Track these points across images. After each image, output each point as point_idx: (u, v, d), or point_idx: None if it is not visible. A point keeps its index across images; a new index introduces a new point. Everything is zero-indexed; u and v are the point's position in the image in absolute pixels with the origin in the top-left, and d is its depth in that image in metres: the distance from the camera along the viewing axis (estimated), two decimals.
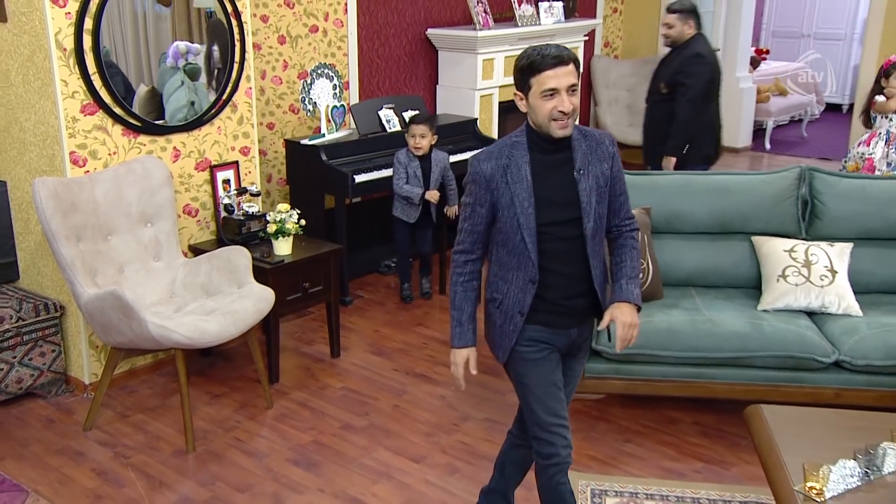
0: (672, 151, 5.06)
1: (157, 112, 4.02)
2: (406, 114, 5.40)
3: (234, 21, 4.22)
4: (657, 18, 7.90)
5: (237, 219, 4.23)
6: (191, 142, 4.18)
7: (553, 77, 2.32)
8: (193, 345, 3.46)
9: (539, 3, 6.53)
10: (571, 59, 2.35)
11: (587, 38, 7.31)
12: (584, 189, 2.44)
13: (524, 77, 2.39)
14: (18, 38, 3.70)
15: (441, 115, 6.14)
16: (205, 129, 4.23)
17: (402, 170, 4.85)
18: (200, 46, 4.12)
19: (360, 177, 4.94)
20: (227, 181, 4.33)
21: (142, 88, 3.95)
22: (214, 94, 4.21)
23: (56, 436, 3.65)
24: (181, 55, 4.03)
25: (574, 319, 2.56)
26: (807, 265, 3.66)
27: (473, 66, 6.08)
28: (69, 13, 3.61)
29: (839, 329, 3.53)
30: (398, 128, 5.32)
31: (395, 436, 3.68)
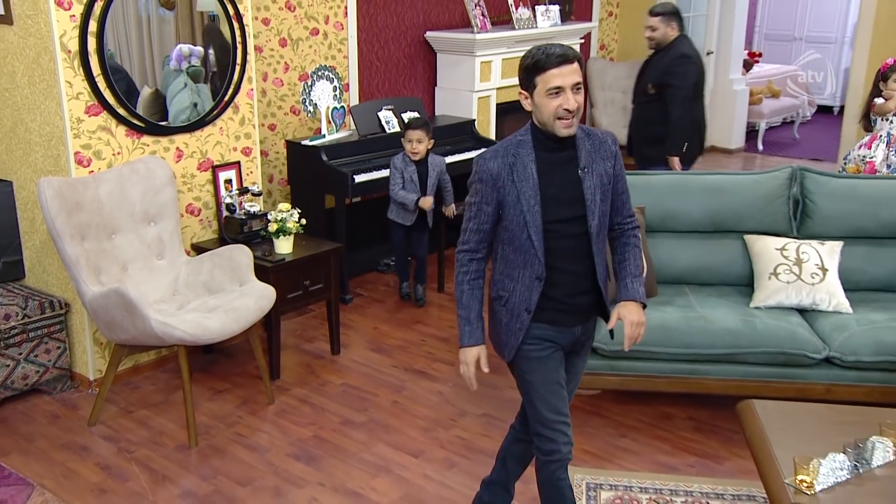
0: (673, 151, 5.09)
1: (161, 114, 4.03)
2: (405, 115, 5.41)
3: (236, 24, 4.22)
4: None
5: (239, 218, 4.25)
6: (193, 142, 4.21)
7: (558, 75, 2.33)
8: (196, 341, 3.47)
9: (536, 7, 6.53)
10: (576, 59, 2.35)
11: (583, 41, 7.32)
12: (589, 187, 2.45)
13: (529, 76, 2.38)
14: (24, 41, 3.72)
15: (439, 117, 6.17)
16: (207, 130, 4.24)
17: (399, 175, 4.81)
18: (203, 49, 4.14)
19: (360, 177, 4.96)
20: (229, 181, 4.35)
21: (146, 90, 3.96)
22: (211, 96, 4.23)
23: (61, 431, 3.67)
24: (184, 58, 4.05)
25: (578, 317, 2.56)
26: (798, 263, 3.69)
27: (471, 69, 6.07)
28: (74, 16, 3.62)
29: (829, 326, 3.56)
30: (397, 129, 5.33)
31: (394, 431, 3.70)
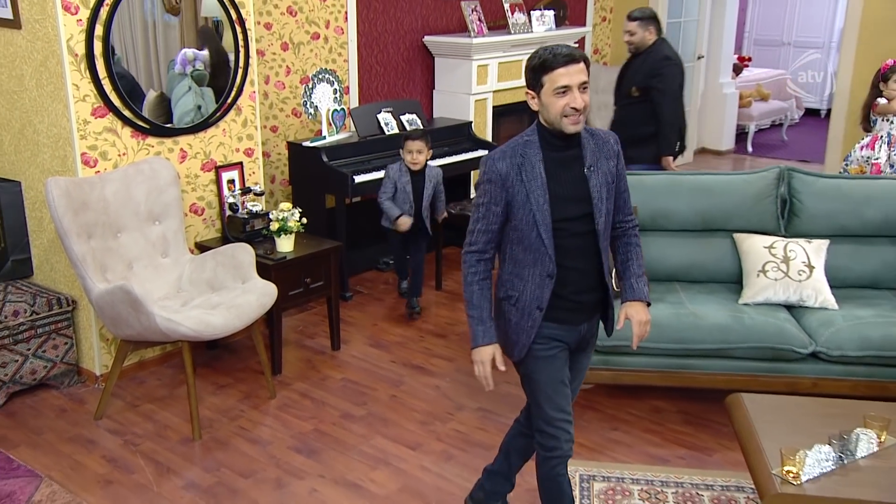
0: (666, 151, 5.14)
1: (166, 116, 4.08)
2: (404, 117, 5.47)
3: (239, 28, 4.27)
4: None
5: (241, 217, 4.30)
6: (197, 143, 4.26)
7: (565, 74, 2.34)
8: (199, 337, 3.52)
9: (531, 12, 6.57)
10: (582, 58, 2.36)
11: (577, 46, 7.38)
12: (595, 185, 2.46)
13: (536, 75, 2.39)
14: (32, 45, 3.77)
15: (437, 119, 6.21)
16: (210, 132, 4.29)
17: (391, 184, 4.73)
18: (207, 53, 4.18)
19: (360, 177, 4.99)
20: (232, 181, 4.39)
21: (151, 93, 4.01)
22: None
23: (68, 424, 3.71)
24: (189, 62, 4.10)
25: (585, 315, 2.58)
26: (785, 261, 3.74)
27: (468, 72, 6.12)
28: (80, 20, 3.67)
29: (816, 321, 3.60)
30: (396, 130, 5.37)
31: (393, 424, 3.74)
